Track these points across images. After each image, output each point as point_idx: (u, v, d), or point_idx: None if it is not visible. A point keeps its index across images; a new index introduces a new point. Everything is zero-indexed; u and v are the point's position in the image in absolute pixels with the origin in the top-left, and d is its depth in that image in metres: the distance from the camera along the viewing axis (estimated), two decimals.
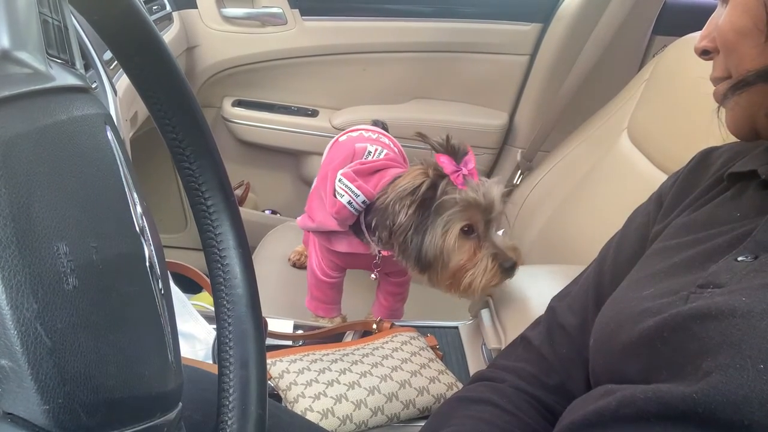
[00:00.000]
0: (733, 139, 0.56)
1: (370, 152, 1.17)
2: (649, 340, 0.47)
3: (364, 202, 1.10)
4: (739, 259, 0.47)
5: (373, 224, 1.08)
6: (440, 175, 1.02)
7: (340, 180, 1.10)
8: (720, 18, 0.52)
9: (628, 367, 0.49)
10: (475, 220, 1.03)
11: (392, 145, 1.28)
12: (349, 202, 1.10)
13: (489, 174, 1.95)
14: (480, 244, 1.04)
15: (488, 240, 1.04)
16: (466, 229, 1.03)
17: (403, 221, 1.02)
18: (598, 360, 0.55)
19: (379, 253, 1.19)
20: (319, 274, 1.28)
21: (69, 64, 0.34)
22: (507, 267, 1.04)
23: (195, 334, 1.04)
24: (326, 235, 1.21)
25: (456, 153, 1.03)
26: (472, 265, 1.04)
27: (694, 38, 0.55)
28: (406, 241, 1.04)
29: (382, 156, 1.17)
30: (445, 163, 1.01)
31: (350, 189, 1.09)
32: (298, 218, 1.29)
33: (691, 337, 0.44)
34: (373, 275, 1.24)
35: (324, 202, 1.14)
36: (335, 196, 1.11)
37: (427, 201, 1.02)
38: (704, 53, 0.55)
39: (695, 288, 0.48)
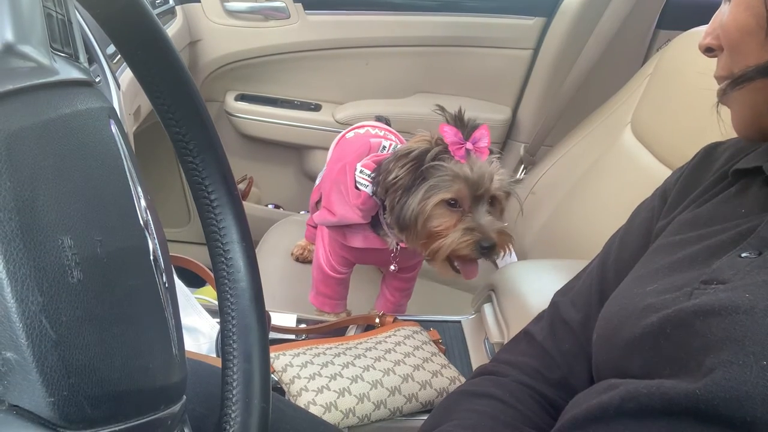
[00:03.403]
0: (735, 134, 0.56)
1: (384, 146, 1.17)
2: (653, 336, 0.47)
3: None
4: (743, 255, 0.47)
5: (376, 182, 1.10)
6: (444, 145, 1.03)
7: (361, 171, 1.11)
8: (724, 15, 0.52)
9: (630, 362, 0.49)
10: (461, 195, 1.03)
11: (398, 141, 1.28)
12: (374, 192, 1.10)
13: None
14: (462, 218, 1.04)
15: (472, 215, 1.04)
16: (452, 202, 1.03)
17: (392, 179, 1.04)
18: (601, 355, 0.55)
19: (398, 246, 1.19)
20: (327, 269, 1.28)
21: (73, 58, 0.35)
22: (485, 246, 1.03)
23: (198, 328, 1.05)
24: (341, 230, 1.21)
25: (464, 126, 1.03)
26: (445, 234, 1.04)
27: (698, 32, 0.55)
28: (397, 198, 1.05)
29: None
30: (447, 133, 1.02)
31: (372, 178, 1.10)
32: (314, 215, 1.29)
33: (694, 333, 0.44)
34: (392, 266, 1.25)
35: (344, 196, 1.14)
36: (357, 188, 1.12)
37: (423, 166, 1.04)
38: (708, 50, 0.55)
39: (699, 284, 0.47)
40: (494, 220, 1.05)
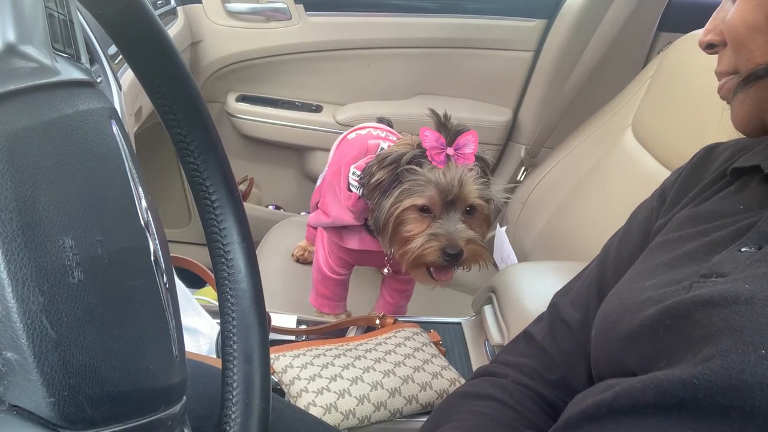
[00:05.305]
0: (739, 134, 0.56)
1: (383, 148, 1.17)
2: (651, 328, 0.47)
3: None
4: (743, 249, 0.47)
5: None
6: (423, 149, 1.03)
7: (354, 173, 1.11)
8: (728, 12, 0.52)
9: (629, 356, 0.49)
10: (432, 201, 1.03)
11: None
12: (362, 194, 1.10)
13: (493, 170, 1.95)
14: (431, 224, 1.04)
15: (441, 222, 1.04)
16: (424, 207, 1.03)
17: (374, 181, 1.05)
18: (600, 350, 0.55)
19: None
20: (326, 270, 1.28)
21: (74, 59, 0.35)
22: (450, 254, 1.03)
23: (199, 329, 1.05)
24: (338, 232, 1.21)
25: (447, 131, 1.03)
26: (413, 239, 1.05)
27: (699, 35, 0.55)
28: (375, 200, 1.06)
29: None
30: (428, 137, 1.01)
31: (360, 180, 1.10)
32: (310, 216, 1.29)
33: (693, 324, 0.44)
34: (385, 270, 1.24)
35: (338, 197, 1.15)
36: (350, 189, 1.12)
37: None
38: (709, 47, 0.55)
39: (698, 278, 0.48)
40: (466, 228, 1.04)
